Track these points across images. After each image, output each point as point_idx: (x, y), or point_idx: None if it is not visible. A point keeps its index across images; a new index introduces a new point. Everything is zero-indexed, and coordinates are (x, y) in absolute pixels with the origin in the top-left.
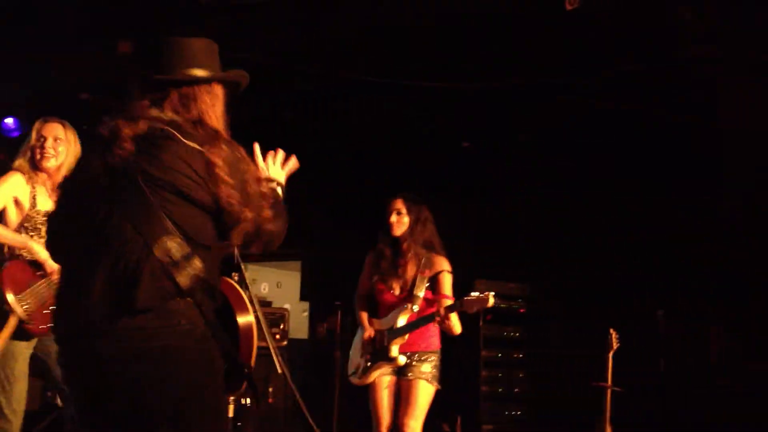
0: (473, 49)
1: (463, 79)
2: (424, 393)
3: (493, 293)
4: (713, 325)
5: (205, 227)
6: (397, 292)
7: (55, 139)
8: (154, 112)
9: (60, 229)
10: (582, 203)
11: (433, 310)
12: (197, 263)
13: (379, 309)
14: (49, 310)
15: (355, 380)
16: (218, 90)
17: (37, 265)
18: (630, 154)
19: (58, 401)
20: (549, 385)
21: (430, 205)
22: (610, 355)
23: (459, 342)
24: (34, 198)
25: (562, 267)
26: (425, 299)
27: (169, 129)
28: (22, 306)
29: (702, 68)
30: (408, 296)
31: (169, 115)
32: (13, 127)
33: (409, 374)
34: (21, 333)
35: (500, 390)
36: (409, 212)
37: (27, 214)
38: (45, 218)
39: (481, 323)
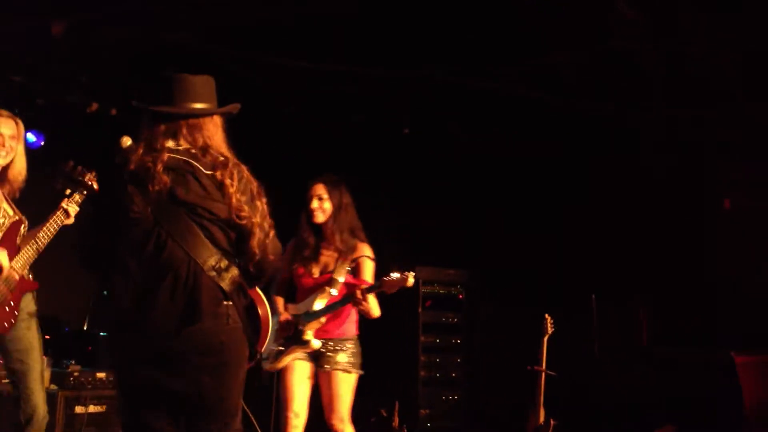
0: (406, 36)
1: (399, 66)
2: (345, 384)
3: (413, 273)
4: (644, 308)
5: (233, 241)
6: (316, 275)
7: (11, 137)
8: (170, 143)
9: (123, 254)
10: (517, 190)
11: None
12: (234, 271)
13: (297, 294)
14: (8, 307)
15: (267, 366)
16: (218, 119)
17: None
18: (562, 140)
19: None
20: (486, 369)
21: (368, 193)
22: (545, 339)
23: (397, 327)
24: None
25: (499, 253)
26: (345, 284)
27: (189, 160)
28: None
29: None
30: (327, 281)
31: (182, 144)
32: None
33: (326, 366)
34: None
35: (438, 375)
36: (331, 197)
37: None
38: None
39: (420, 309)
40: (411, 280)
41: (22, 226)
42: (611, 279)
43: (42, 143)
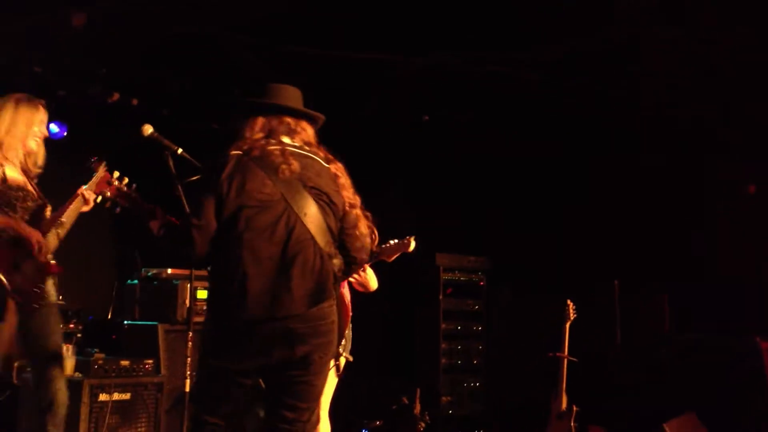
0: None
1: (407, 53)
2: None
3: (413, 237)
4: (666, 294)
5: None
6: None
7: (42, 122)
8: (285, 138)
9: (250, 237)
10: (539, 176)
11: None
12: (338, 259)
13: None
14: (37, 289)
15: None
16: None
17: (18, 243)
18: (583, 127)
19: (14, 380)
20: (507, 356)
21: (389, 179)
22: (567, 325)
23: (418, 315)
24: (3, 174)
25: (520, 239)
26: None
27: (308, 153)
28: (12, 284)
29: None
30: None
31: (296, 141)
32: None
33: None
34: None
35: (459, 362)
36: None
37: (0, 191)
38: (18, 192)
39: (440, 296)
40: (413, 245)
41: (47, 209)
42: (633, 265)
43: (65, 134)
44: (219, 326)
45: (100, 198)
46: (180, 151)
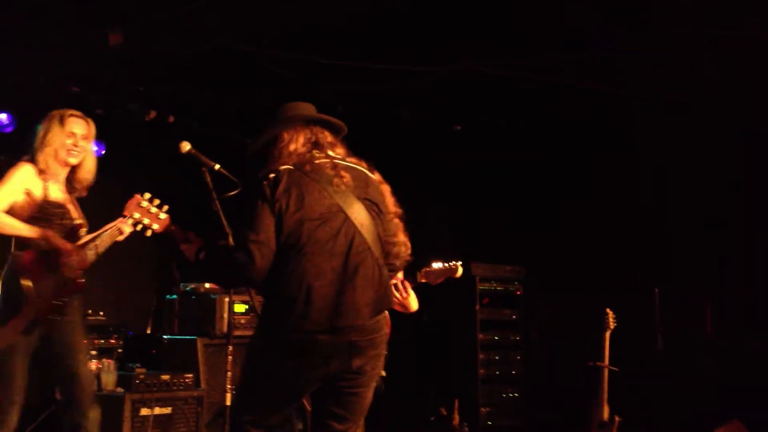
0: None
1: (443, 62)
2: None
3: (460, 262)
4: (707, 298)
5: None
6: None
7: (83, 137)
8: (329, 152)
9: (312, 250)
10: (576, 183)
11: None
12: (386, 268)
13: None
14: (60, 301)
15: None
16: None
17: (49, 255)
18: (620, 133)
19: (58, 395)
20: (546, 366)
21: (423, 190)
22: (607, 334)
23: (455, 325)
24: (46, 189)
25: (556, 248)
26: None
27: (354, 164)
28: (38, 296)
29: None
30: None
31: (339, 154)
32: (6, 122)
33: None
34: (30, 325)
35: (497, 372)
36: None
37: (40, 205)
38: (57, 209)
39: (477, 306)
40: (460, 270)
41: (83, 229)
42: (673, 270)
43: (102, 152)
44: (277, 339)
45: (139, 227)
46: (218, 167)
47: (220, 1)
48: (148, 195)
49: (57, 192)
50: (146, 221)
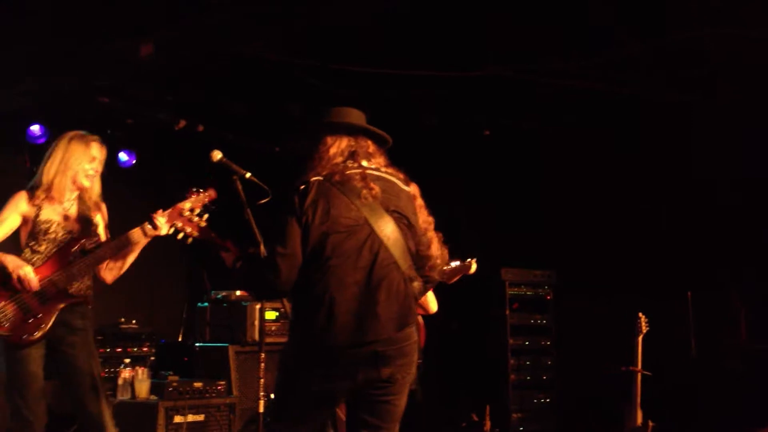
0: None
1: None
2: None
3: (475, 259)
4: (741, 303)
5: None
6: None
7: (100, 162)
8: (363, 162)
9: (336, 263)
10: (606, 187)
11: None
12: (418, 281)
13: None
14: (33, 319)
15: None
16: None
17: (8, 277)
18: (651, 137)
19: None
20: (578, 371)
21: (452, 195)
22: (640, 339)
23: (486, 331)
24: (38, 211)
25: (588, 252)
26: None
27: (386, 175)
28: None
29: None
30: None
31: (373, 164)
32: (39, 133)
33: None
34: (9, 343)
35: (528, 378)
36: None
37: (32, 226)
38: (44, 226)
39: (507, 311)
40: (474, 267)
41: (87, 242)
42: (706, 274)
43: (134, 162)
44: (304, 350)
45: (172, 229)
46: (249, 175)
47: (248, 10)
48: (188, 204)
49: (49, 212)
50: (187, 229)
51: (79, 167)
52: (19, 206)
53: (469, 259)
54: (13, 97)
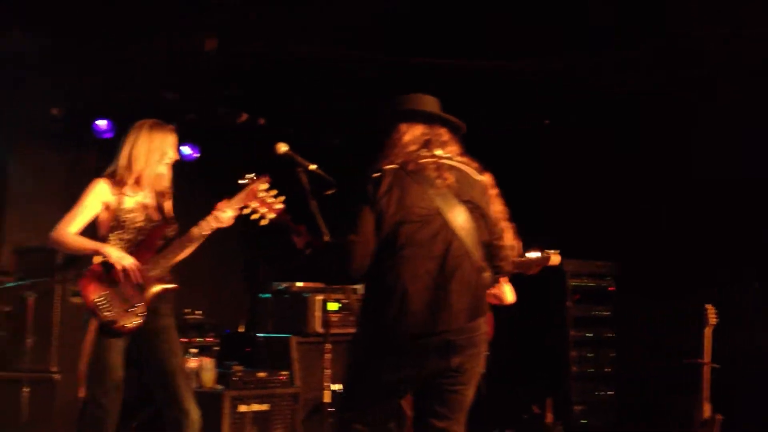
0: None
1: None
2: None
3: (557, 251)
4: None
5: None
6: None
7: (175, 149)
8: (437, 151)
9: (409, 253)
10: (669, 176)
11: None
12: (488, 272)
13: None
14: (132, 308)
15: None
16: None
17: (110, 268)
18: (713, 129)
19: None
20: (642, 364)
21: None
22: (708, 330)
23: (546, 322)
24: (120, 199)
25: (650, 242)
26: None
27: (459, 165)
28: (103, 309)
29: None
30: None
31: (446, 153)
32: (105, 128)
33: None
34: (106, 331)
35: (591, 370)
36: None
37: (115, 215)
38: (128, 215)
39: (568, 303)
40: (556, 258)
41: (168, 230)
42: None
43: (197, 156)
44: (375, 338)
45: (248, 210)
46: (313, 167)
47: (307, 5)
48: (264, 185)
49: (133, 200)
50: (263, 210)
51: (159, 155)
52: (102, 194)
53: (548, 251)
54: (78, 93)
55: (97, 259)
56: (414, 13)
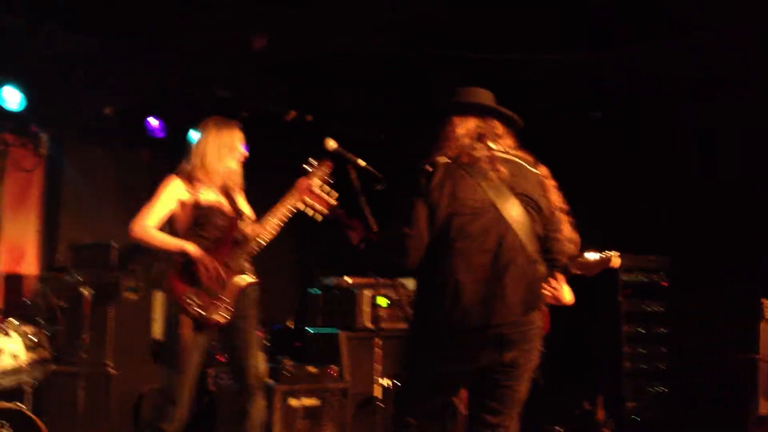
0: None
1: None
2: None
3: (617, 252)
4: None
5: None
6: None
7: (243, 145)
8: (491, 144)
9: (462, 246)
10: (723, 166)
11: None
12: (543, 265)
13: None
14: (220, 302)
15: None
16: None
17: (193, 265)
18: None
19: (210, 387)
20: (695, 359)
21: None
22: (762, 325)
23: (597, 318)
24: (195, 195)
25: (703, 236)
26: None
27: (514, 158)
28: (191, 305)
29: None
30: None
31: (500, 146)
32: (158, 128)
33: None
34: (197, 326)
35: (643, 366)
36: None
37: (192, 212)
38: (206, 211)
39: (620, 298)
40: (616, 261)
41: (241, 221)
42: None
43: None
44: (427, 332)
45: (303, 206)
46: (363, 162)
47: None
48: (318, 181)
49: (208, 195)
50: (317, 206)
51: (229, 150)
52: (177, 192)
53: (607, 252)
54: (130, 93)
55: (177, 258)
56: (460, 6)
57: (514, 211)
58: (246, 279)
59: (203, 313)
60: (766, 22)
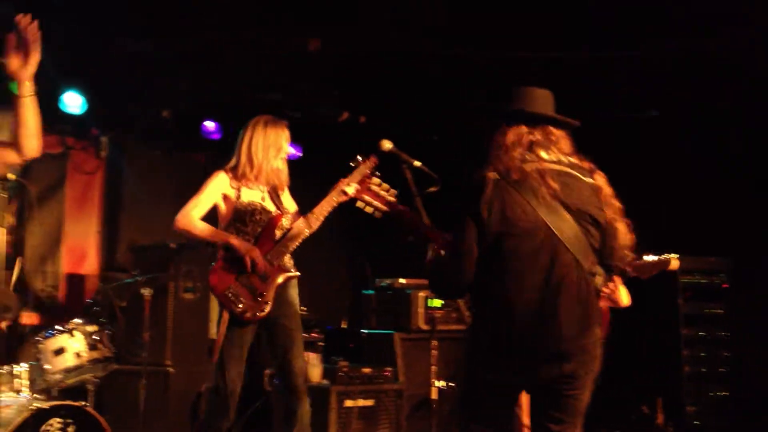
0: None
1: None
2: None
3: (676, 255)
4: None
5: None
6: None
7: (288, 144)
8: (542, 153)
9: (513, 266)
10: None
11: None
12: (600, 277)
13: None
14: (261, 297)
15: None
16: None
17: (237, 258)
18: None
19: (267, 387)
20: (758, 363)
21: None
22: None
23: (656, 320)
24: (238, 192)
25: (766, 237)
26: None
27: (566, 168)
28: (233, 300)
29: None
30: None
31: (553, 154)
32: (213, 130)
33: None
34: (239, 321)
35: (704, 370)
36: None
37: (234, 208)
38: (248, 208)
39: (680, 300)
40: (675, 263)
41: (282, 220)
42: None
43: (300, 155)
44: (484, 348)
45: (361, 204)
46: (418, 163)
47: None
48: (377, 180)
49: (250, 193)
50: (376, 203)
51: (276, 149)
52: (222, 186)
53: (666, 255)
54: (187, 96)
55: (221, 253)
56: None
57: (566, 227)
58: (287, 275)
59: (243, 308)
60: None
